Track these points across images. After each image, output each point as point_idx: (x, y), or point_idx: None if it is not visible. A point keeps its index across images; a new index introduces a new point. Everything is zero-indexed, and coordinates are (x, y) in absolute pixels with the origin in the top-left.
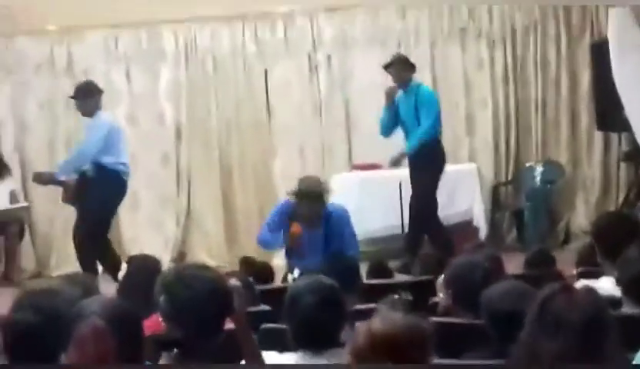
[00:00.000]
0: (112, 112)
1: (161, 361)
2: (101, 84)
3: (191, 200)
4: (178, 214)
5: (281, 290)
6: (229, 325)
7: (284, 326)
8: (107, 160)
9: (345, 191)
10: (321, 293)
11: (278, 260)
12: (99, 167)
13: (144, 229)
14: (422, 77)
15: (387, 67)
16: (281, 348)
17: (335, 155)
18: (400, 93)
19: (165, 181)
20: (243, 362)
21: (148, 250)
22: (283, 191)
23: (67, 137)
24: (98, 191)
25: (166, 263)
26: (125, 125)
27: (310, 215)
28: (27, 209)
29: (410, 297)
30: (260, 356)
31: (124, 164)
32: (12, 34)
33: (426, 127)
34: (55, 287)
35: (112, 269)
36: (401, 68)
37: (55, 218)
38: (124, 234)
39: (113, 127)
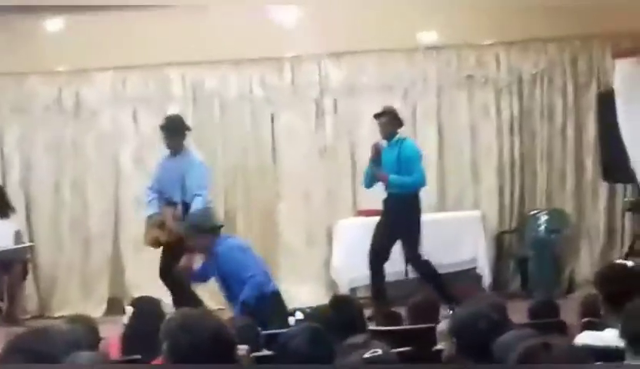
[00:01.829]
0: (119, 153)
1: None
2: (108, 126)
3: None
4: None
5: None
6: None
7: None
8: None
9: (350, 236)
10: (308, 334)
11: None
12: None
13: (147, 271)
14: (428, 123)
15: (377, 117)
16: None
17: (340, 201)
18: (384, 145)
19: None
20: None
21: (152, 292)
22: (287, 236)
23: (73, 178)
24: None
25: (169, 306)
26: (131, 166)
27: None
28: (31, 249)
29: (379, 352)
30: None
31: (211, 201)
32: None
33: (420, 177)
34: (46, 331)
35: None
36: (389, 121)
37: (59, 260)
38: (127, 276)
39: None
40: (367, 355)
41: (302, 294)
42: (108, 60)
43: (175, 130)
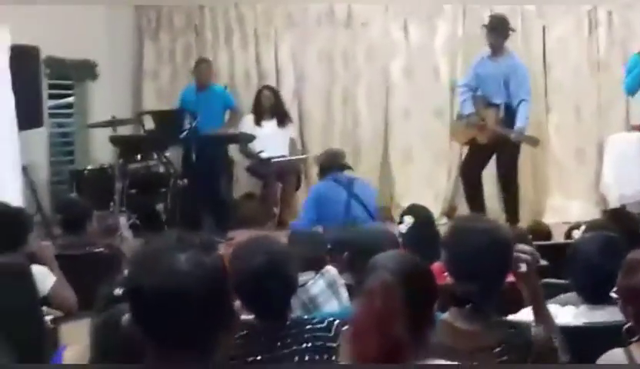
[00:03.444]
0: (388, 64)
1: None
2: (378, 38)
3: (464, 155)
4: (450, 168)
5: (560, 247)
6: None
7: (562, 281)
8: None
9: (622, 152)
10: (604, 243)
11: (550, 219)
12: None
13: (416, 182)
14: None
15: None
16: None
17: (612, 115)
18: None
19: (438, 134)
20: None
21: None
22: (556, 149)
23: (343, 89)
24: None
25: (436, 216)
26: (401, 78)
27: None
28: (304, 161)
29: None
30: (545, 309)
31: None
32: None
33: None
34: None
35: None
36: None
37: None
38: (396, 186)
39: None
40: None
41: (572, 208)
42: None
43: (499, 29)
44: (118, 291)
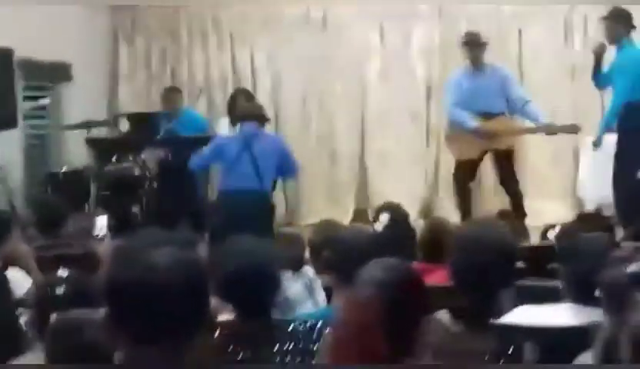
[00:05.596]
0: (364, 67)
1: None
2: (354, 41)
3: (440, 158)
4: (426, 171)
5: (534, 249)
6: None
7: (539, 283)
8: None
9: (598, 153)
10: (606, 243)
11: (527, 222)
12: None
13: (392, 185)
14: None
15: (603, 20)
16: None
17: (588, 119)
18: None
19: (415, 137)
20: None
21: None
22: (533, 152)
23: (319, 93)
24: None
25: (412, 217)
26: (376, 82)
27: None
28: None
29: None
30: None
31: None
32: None
33: None
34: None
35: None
36: (613, 24)
37: (306, 172)
38: (372, 188)
39: None
40: (631, 269)
41: (548, 211)
42: None
43: (478, 44)
44: (60, 290)
